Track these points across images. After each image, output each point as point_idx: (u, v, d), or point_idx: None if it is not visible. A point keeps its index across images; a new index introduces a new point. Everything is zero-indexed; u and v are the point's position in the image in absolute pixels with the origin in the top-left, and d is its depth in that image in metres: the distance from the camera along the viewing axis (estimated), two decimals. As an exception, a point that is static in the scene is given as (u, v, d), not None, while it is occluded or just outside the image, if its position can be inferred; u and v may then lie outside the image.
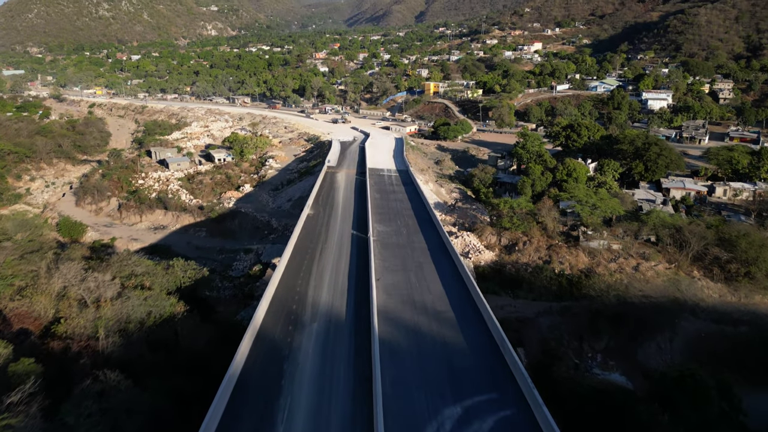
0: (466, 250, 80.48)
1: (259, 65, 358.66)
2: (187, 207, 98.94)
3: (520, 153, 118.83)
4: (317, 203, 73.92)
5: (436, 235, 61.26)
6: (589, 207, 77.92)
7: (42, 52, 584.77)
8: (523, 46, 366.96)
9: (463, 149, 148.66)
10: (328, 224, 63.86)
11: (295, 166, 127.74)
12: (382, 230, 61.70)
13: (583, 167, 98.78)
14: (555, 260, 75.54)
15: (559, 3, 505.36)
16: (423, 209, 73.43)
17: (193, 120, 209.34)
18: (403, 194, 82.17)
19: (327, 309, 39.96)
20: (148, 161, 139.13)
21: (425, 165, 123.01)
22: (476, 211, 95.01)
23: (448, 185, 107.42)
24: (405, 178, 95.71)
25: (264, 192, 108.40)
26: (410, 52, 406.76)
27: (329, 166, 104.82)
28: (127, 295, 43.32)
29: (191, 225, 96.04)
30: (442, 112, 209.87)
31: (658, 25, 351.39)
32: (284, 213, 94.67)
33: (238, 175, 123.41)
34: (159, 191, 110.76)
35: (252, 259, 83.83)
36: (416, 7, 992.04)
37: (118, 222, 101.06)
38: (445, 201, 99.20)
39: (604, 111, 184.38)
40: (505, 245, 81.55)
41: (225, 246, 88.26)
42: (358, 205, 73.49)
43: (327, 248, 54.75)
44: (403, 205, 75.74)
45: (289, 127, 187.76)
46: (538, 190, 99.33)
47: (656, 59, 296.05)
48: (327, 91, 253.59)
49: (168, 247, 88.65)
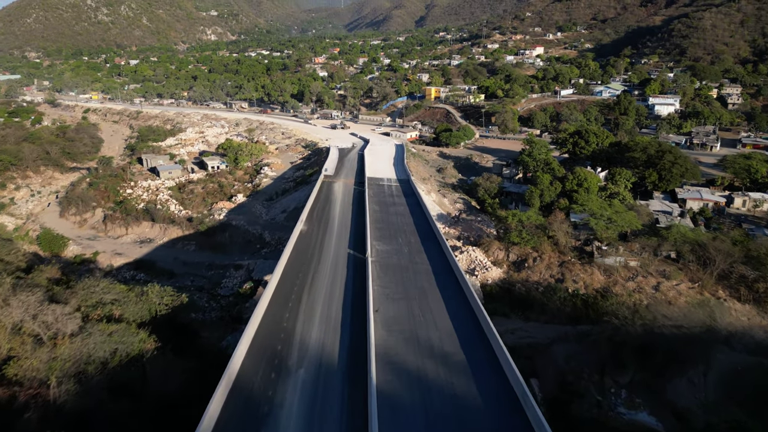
0: (472, 266, 75.02)
1: (257, 70, 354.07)
2: (176, 219, 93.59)
3: (526, 161, 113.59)
4: (311, 218, 68.44)
5: (440, 254, 55.70)
6: (605, 221, 72.43)
7: (40, 56, 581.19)
8: (525, 50, 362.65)
9: (466, 156, 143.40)
10: (322, 242, 58.36)
11: (292, 175, 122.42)
12: (381, 249, 56.19)
13: (594, 177, 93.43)
14: (568, 278, 70.06)
15: (561, 7, 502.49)
16: (426, 224, 67.93)
17: (189, 126, 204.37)
18: (404, 207, 76.70)
19: (317, 350, 34.38)
20: (139, 169, 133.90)
21: (427, 173, 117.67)
22: (482, 223, 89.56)
23: (451, 195, 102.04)
24: (406, 189, 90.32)
25: (257, 202, 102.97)
26: (410, 57, 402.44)
27: (326, 175, 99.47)
28: (89, 331, 37.79)
29: (179, 238, 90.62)
30: (443, 117, 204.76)
31: (661, 29, 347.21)
32: (278, 225, 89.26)
33: (231, 184, 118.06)
34: (148, 201, 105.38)
35: (242, 276, 78.46)
36: (416, 12, 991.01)
37: (103, 234, 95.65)
38: (448, 212, 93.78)
39: (611, 116, 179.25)
40: (514, 261, 76.07)
41: (214, 261, 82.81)
42: (356, 220, 68.04)
43: (320, 272, 49.16)
44: (404, 219, 70.26)
45: (287, 133, 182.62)
46: (546, 201, 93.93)
47: (660, 63, 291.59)
48: (326, 96, 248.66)
49: (153, 262, 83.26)
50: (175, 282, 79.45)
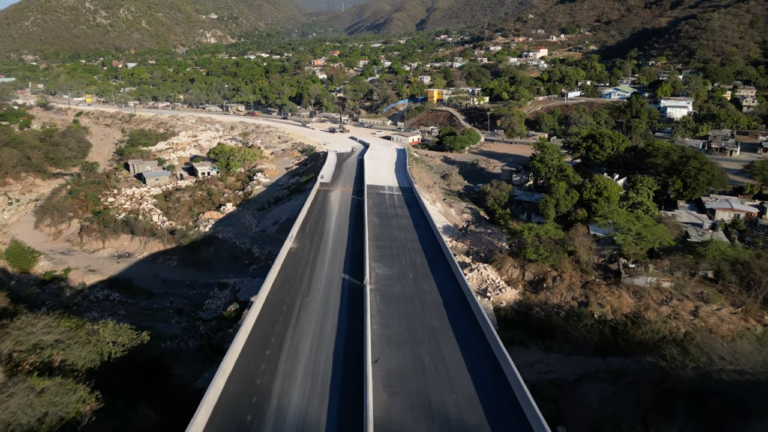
0: (484, 286, 67.06)
1: (255, 72, 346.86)
2: (157, 231, 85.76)
3: (537, 167, 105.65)
4: (303, 233, 60.47)
5: (451, 280, 47.57)
6: (633, 236, 64.40)
7: (37, 59, 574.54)
8: (529, 52, 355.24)
9: (472, 161, 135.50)
10: (314, 264, 50.39)
11: (286, 182, 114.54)
12: (382, 273, 48.20)
13: (615, 185, 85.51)
14: (593, 302, 62.04)
15: (564, 9, 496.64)
16: (433, 241, 59.87)
17: (182, 129, 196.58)
18: (408, 219, 68.70)
19: (297, 424, 26.33)
20: (125, 175, 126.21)
21: (431, 180, 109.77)
22: (492, 236, 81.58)
23: (458, 204, 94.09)
24: (409, 198, 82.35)
25: (248, 212, 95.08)
26: (411, 59, 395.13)
27: (322, 183, 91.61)
28: (11, 390, 29.82)
29: (161, 252, 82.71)
30: (446, 120, 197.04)
31: (668, 30, 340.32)
32: (269, 239, 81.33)
33: (221, 192, 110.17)
34: (130, 211, 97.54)
35: (227, 297, 70.48)
36: (417, 15, 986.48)
37: (78, 248, 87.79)
38: (455, 224, 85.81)
39: (622, 119, 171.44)
40: (531, 281, 68.07)
41: (197, 279, 74.87)
42: (354, 236, 60.05)
43: (308, 305, 41.08)
44: (408, 234, 62.23)
45: (283, 137, 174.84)
46: (562, 212, 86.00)
47: (669, 65, 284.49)
48: (325, 99, 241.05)
49: (130, 280, 75.32)
50: (152, 303, 71.60)
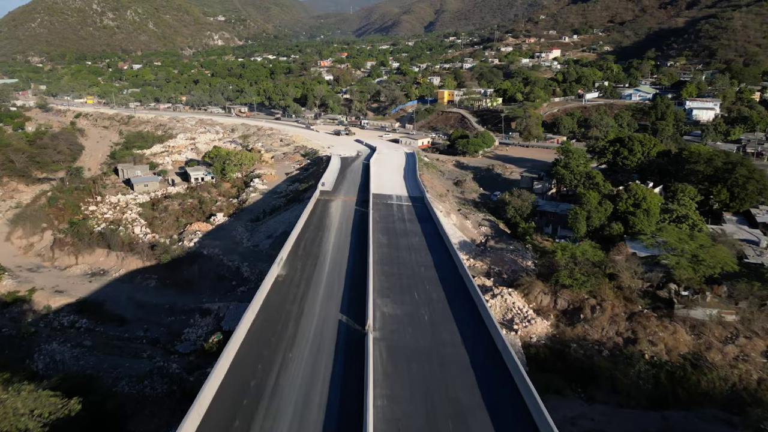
0: (509, 316, 56.97)
1: (261, 74, 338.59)
2: (137, 245, 76.32)
3: (561, 173, 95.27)
4: (295, 255, 50.66)
5: (479, 326, 37.09)
6: (688, 259, 53.97)
7: (43, 61, 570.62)
8: (541, 53, 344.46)
9: (487, 167, 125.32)
10: (304, 299, 40.55)
11: (285, 189, 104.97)
12: (390, 313, 38.29)
13: (655, 196, 75.10)
14: (643, 339, 51.73)
15: (576, 10, 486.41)
16: (451, 267, 49.64)
17: (180, 132, 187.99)
18: (420, 238, 58.60)
19: None
20: (113, 180, 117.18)
21: (443, 188, 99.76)
22: (516, 253, 71.40)
23: (474, 216, 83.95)
24: (421, 211, 72.31)
25: (240, 224, 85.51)
26: (420, 61, 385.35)
27: (322, 191, 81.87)
28: None
29: (139, 270, 73.21)
30: (457, 122, 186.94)
31: (687, 30, 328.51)
32: (261, 255, 71.66)
33: (214, 200, 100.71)
34: (111, 221, 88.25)
35: (210, 325, 60.84)
36: (425, 18, 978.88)
37: (49, 264, 78.62)
38: (472, 239, 75.75)
39: (646, 122, 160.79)
40: (564, 310, 57.84)
41: (177, 303, 65.28)
42: (355, 259, 50.13)
43: (290, 365, 31.01)
44: (420, 257, 52.13)
45: (286, 140, 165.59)
46: (594, 225, 75.65)
47: (688, 66, 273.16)
48: (330, 101, 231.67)
49: (101, 303, 65.96)
50: (124, 331, 62.07)
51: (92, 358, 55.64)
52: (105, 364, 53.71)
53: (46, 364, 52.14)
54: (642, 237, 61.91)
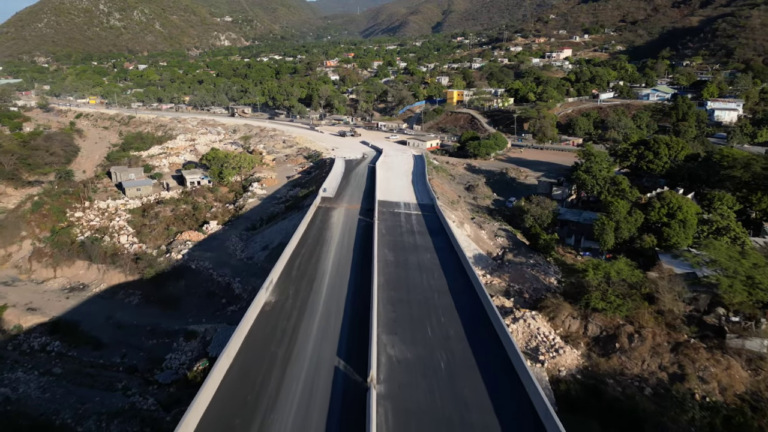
0: (534, 344, 49.97)
1: (266, 74, 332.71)
2: (119, 258, 69.85)
3: (583, 178, 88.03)
4: (287, 276, 43.86)
5: (510, 376, 29.81)
6: (742, 281, 46.70)
7: (49, 61, 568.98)
8: (552, 53, 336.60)
9: (500, 170, 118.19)
10: (294, 337, 33.62)
11: (285, 194, 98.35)
12: (398, 357, 31.26)
13: (692, 204, 67.76)
14: (691, 374, 44.57)
15: (587, 9, 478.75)
16: (470, 292, 42.31)
17: (181, 132, 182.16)
18: (432, 254, 51.57)
19: None
20: (106, 184, 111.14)
21: (455, 194, 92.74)
22: (537, 269, 64.29)
23: (489, 225, 76.87)
24: (431, 221, 65.31)
25: (235, 233, 78.90)
26: (428, 61, 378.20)
27: (324, 198, 75.09)
28: None
29: (121, 286, 66.74)
30: (467, 123, 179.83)
31: (703, 29, 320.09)
32: (255, 269, 64.97)
33: (209, 205, 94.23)
34: (97, 229, 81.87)
35: (195, 350, 54.18)
36: (433, 18, 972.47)
37: (25, 277, 72.36)
38: (488, 251, 68.69)
39: (666, 123, 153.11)
40: (596, 337, 50.69)
41: (160, 324, 58.66)
42: (358, 281, 43.21)
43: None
44: (433, 279, 45.07)
45: (289, 141, 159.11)
46: (624, 237, 68.39)
47: (705, 65, 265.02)
48: (336, 101, 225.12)
49: (77, 324, 59.48)
50: (99, 356, 55.58)
51: (60, 389, 49.19)
52: (72, 398, 47.21)
53: (3, 399, 45.67)
54: (686, 254, 54.56)
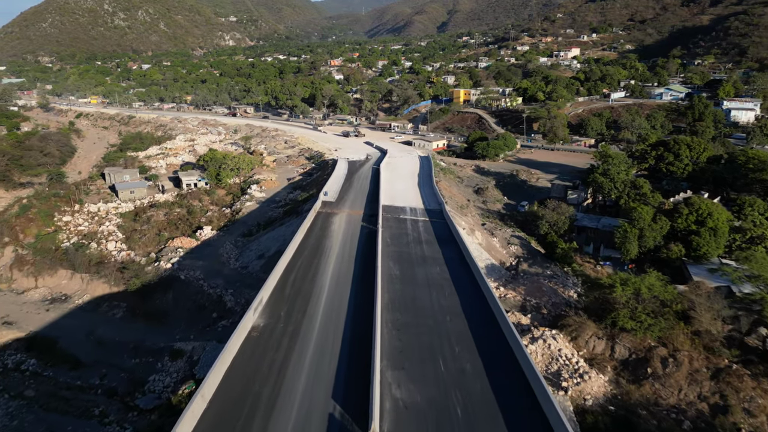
0: (555, 367, 44.94)
1: (270, 73, 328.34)
2: (104, 267, 65.21)
3: (600, 181, 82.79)
4: (280, 295, 38.89)
5: (534, 414, 25.32)
6: (792, 299, 41.58)
7: (53, 61, 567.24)
8: (560, 52, 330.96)
9: (510, 172, 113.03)
10: (281, 376, 28.29)
11: (285, 197, 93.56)
12: (405, 400, 26.12)
13: (723, 211, 62.51)
14: (736, 406, 39.45)
15: (594, 8, 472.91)
16: (486, 314, 36.87)
17: (181, 132, 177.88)
18: (442, 267, 46.53)
19: None
20: (99, 186, 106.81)
21: (464, 198, 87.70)
22: (554, 280, 59.18)
23: (501, 232, 71.79)
24: (440, 228, 60.31)
25: (230, 239, 74.18)
26: (433, 60, 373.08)
27: (324, 203, 70.28)
28: None
29: (105, 297, 62.10)
30: (474, 123, 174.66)
31: (714, 28, 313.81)
32: (250, 279, 60.18)
33: (205, 209, 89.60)
34: (85, 234, 77.34)
35: (181, 371, 49.41)
36: (438, 18, 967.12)
37: (5, 286, 67.80)
38: (501, 261, 63.61)
39: (682, 123, 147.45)
40: (625, 360, 45.56)
41: (145, 340, 53.92)
42: (358, 301, 38.15)
43: None
44: (444, 298, 39.88)
45: (291, 142, 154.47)
46: (648, 246, 63.18)
47: (718, 64, 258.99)
48: (339, 100, 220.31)
49: (54, 341, 54.83)
50: (77, 377, 50.89)
51: (30, 415, 44.54)
52: (42, 426, 42.49)
53: (-36, 429, 41.15)
54: (725, 269, 49.31)
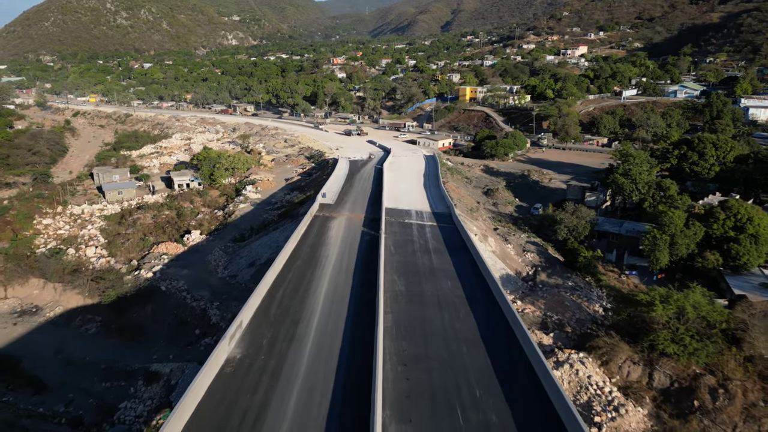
0: (585, 397, 38.81)
1: (271, 72, 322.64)
2: (80, 276, 59.40)
3: (621, 182, 76.58)
4: (263, 317, 32.64)
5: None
6: None
7: (54, 60, 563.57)
8: (567, 50, 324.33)
9: (521, 172, 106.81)
10: (256, 429, 22.59)
11: (281, 198, 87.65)
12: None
13: (764, 215, 56.14)
14: (804, 450, 33.43)
15: (601, 6, 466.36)
16: (511, 342, 30.81)
17: (178, 131, 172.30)
18: (454, 282, 40.33)
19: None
20: (86, 186, 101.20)
21: (473, 199, 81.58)
22: (577, 293, 53.02)
23: (515, 237, 65.64)
24: (450, 234, 54.21)
25: (220, 245, 68.32)
26: (438, 59, 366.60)
27: (322, 205, 64.35)
28: None
29: (80, 309, 56.24)
30: (481, 122, 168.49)
31: (726, 25, 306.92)
32: (238, 290, 54.24)
33: (195, 211, 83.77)
34: (65, 239, 71.60)
35: (156, 397, 43.49)
36: (442, 18, 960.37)
37: (-27, 296, 62.33)
38: (517, 270, 57.46)
39: (698, 121, 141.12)
40: (665, 390, 39.37)
41: (118, 360, 48.03)
42: (357, 324, 31.96)
43: None
44: (458, 321, 33.41)
45: (291, 141, 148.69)
46: (681, 254, 56.92)
47: (730, 62, 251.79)
48: (342, 98, 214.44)
49: (18, 360, 48.90)
50: (39, 403, 44.96)
51: (-20, 450, 38.61)
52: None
53: None
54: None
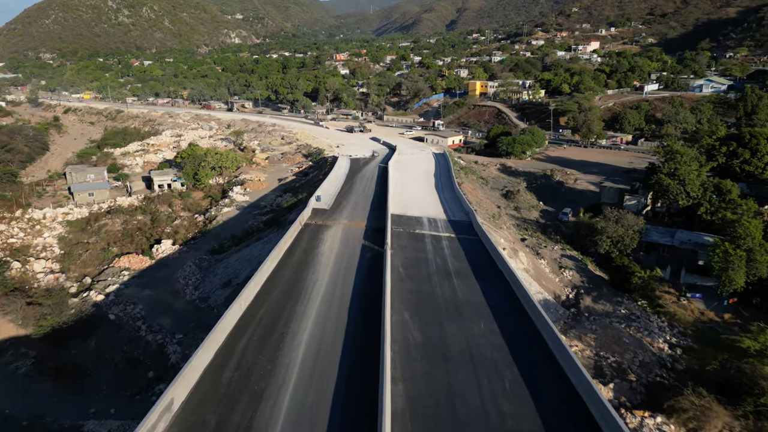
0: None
1: (272, 68, 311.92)
2: (14, 299, 48.54)
3: (667, 184, 65.16)
4: (214, 385, 21.53)
5: None
6: None
7: (54, 58, 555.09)
8: (578, 46, 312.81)
9: (543, 172, 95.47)
10: None
11: (272, 201, 76.65)
12: None
13: None
14: None
15: (612, 2, 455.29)
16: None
17: (169, 127, 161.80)
18: (489, 323, 28.57)
19: None
20: (57, 187, 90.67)
21: (492, 203, 70.32)
22: (635, 324, 41.72)
23: (547, 250, 54.34)
24: (473, 250, 42.91)
25: (193, 257, 57.35)
26: (444, 56, 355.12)
27: (316, 210, 53.32)
28: None
29: (13, 341, 45.33)
30: (493, 118, 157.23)
31: (746, 19, 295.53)
32: (210, 317, 43.24)
33: (173, 216, 72.89)
34: (16, 248, 60.83)
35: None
36: (447, 16, 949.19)
37: None
38: (555, 293, 46.20)
39: (731, 117, 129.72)
40: (786, 476, 28.23)
41: (45, 414, 36.98)
42: (350, 404, 21.28)
43: None
44: (502, 394, 21.99)
45: (288, 138, 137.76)
46: (762, 274, 45.60)
47: (751, 58, 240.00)
48: (344, 94, 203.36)
49: None
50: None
51: None
52: None
53: None
54: None
